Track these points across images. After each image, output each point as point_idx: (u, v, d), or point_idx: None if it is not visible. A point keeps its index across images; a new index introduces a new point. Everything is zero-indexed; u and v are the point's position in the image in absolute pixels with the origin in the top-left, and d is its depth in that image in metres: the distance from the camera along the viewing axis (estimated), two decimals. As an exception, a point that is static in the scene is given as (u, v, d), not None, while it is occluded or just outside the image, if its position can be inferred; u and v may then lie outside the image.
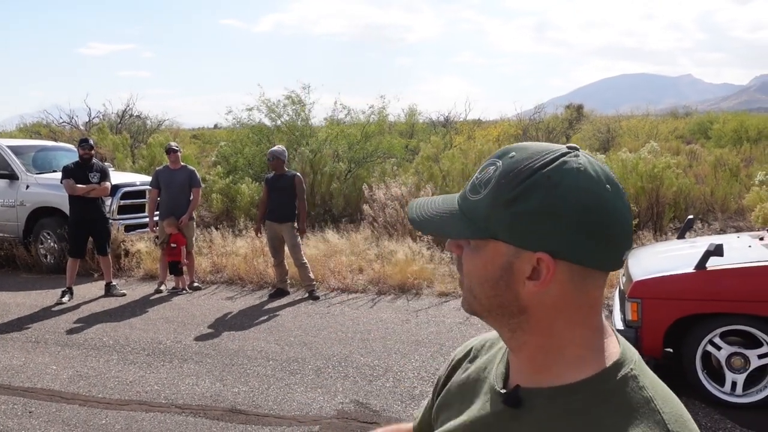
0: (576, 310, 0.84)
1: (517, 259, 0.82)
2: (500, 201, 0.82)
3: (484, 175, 0.85)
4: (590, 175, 0.80)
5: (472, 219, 0.84)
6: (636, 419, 0.79)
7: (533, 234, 0.80)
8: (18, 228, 9.63)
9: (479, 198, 0.84)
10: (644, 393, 0.82)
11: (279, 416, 4.44)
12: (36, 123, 24.94)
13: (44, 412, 4.58)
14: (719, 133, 25.28)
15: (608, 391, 0.82)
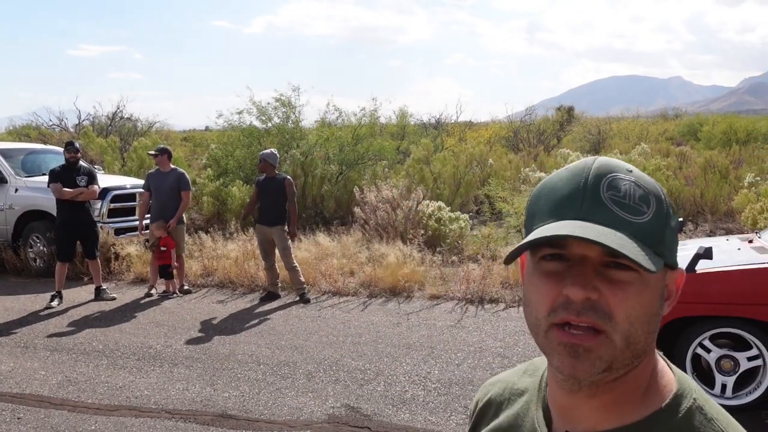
0: None
1: (667, 281, 0.76)
2: (664, 219, 0.74)
3: (628, 191, 0.74)
4: None
5: (651, 244, 0.72)
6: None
7: (673, 249, 0.75)
8: (7, 231, 9.56)
9: (646, 219, 0.73)
10: (714, 426, 0.75)
11: (270, 421, 4.42)
12: (25, 125, 24.79)
13: (33, 419, 4.55)
14: (709, 135, 25.44)
15: (676, 426, 0.75)
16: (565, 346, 0.72)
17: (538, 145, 25.92)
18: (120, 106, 22.54)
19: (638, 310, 0.71)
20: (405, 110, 23.25)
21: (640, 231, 0.72)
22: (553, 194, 0.76)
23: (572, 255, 0.72)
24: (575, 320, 0.71)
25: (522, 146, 25.78)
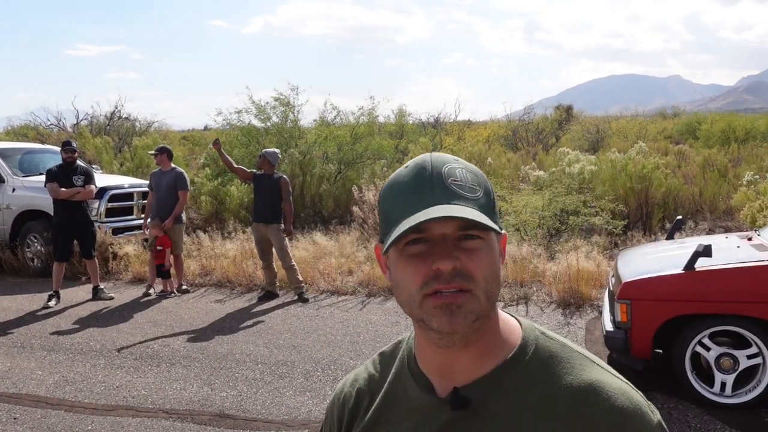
0: None
1: (499, 242, 0.93)
2: (491, 195, 0.92)
3: (465, 176, 0.91)
4: None
5: (488, 215, 0.89)
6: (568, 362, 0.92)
7: (497, 218, 0.93)
8: (4, 231, 9.53)
9: (479, 195, 0.91)
10: (558, 341, 0.95)
11: (267, 420, 4.40)
12: (23, 125, 24.75)
13: (29, 419, 4.52)
14: (707, 134, 25.42)
15: (535, 353, 0.93)
16: (441, 308, 0.86)
17: (537, 144, 25.90)
18: (118, 105, 22.52)
19: (489, 269, 0.88)
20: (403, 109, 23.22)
21: (480, 205, 0.89)
22: (405, 189, 0.90)
23: (433, 236, 0.87)
24: (446, 287, 0.86)
25: (521, 145, 25.77)
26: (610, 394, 0.88)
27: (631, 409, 0.88)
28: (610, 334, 4.64)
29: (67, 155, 7.71)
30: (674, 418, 4.26)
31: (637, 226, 10.53)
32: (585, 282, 7.07)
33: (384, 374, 1.03)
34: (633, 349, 4.53)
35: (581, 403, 0.88)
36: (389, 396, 0.99)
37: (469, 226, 0.86)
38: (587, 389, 0.88)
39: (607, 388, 0.88)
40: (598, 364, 0.93)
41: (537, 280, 7.69)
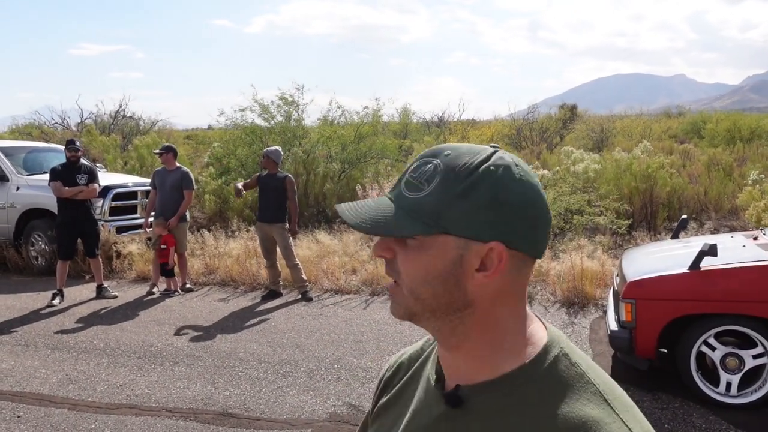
0: (513, 298, 0.88)
1: (467, 251, 0.84)
2: (450, 195, 0.83)
3: (423, 173, 0.85)
4: (524, 168, 0.85)
5: (420, 215, 0.83)
6: (575, 393, 0.84)
7: (485, 225, 0.83)
8: (8, 230, 9.55)
9: (423, 195, 0.84)
10: (577, 369, 0.86)
11: (270, 419, 4.39)
12: (28, 124, 24.82)
13: (32, 417, 4.52)
14: (712, 133, 25.33)
15: (544, 372, 0.86)
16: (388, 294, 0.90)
17: (541, 143, 25.86)
18: (122, 104, 22.56)
19: (417, 270, 0.85)
20: (408, 108, 23.23)
21: (413, 205, 0.84)
22: None
23: None
24: (387, 274, 0.88)
25: (525, 144, 25.72)
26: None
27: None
28: (615, 333, 4.62)
29: (70, 154, 7.71)
30: (679, 418, 4.24)
31: (641, 226, 10.50)
32: (589, 281, 7.05)
33: (423, 355, 1.05)
34: (637, 349, 4.51)
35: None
36: (414, 377, 1.02)
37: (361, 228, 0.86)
38: (579, 427, 0.81)
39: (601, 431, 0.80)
40: (609, 404, 0.83)
41: (541, 279, 7.67)
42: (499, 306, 0.87)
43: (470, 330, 0.88)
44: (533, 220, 0.84)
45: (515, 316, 0.88)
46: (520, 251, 0.85)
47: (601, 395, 0.84)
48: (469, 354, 0.89)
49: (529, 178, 0.85)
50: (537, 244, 0.86)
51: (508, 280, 0.86)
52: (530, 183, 0.85)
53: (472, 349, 0.89)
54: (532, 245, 0.85)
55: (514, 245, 0.84)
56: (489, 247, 0.83)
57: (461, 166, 0.84)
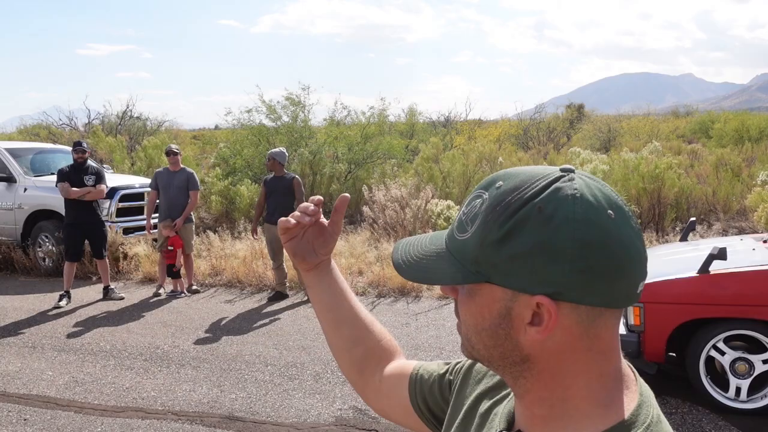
0: (584, 356, 0.74)
1: (515, 303, 0.73)
2: (489, 240, 0.72)
3: (471, 210, 0.75)
4: (588, 202, 0.70)
5: (462, 261, 0.75)
6: None
7: (529, 275, 0.70)
8: (16, 231, 9.57)
9: (467, 237, 0.74)
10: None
11: (276, 423, 4.38)
12: (36, 125, 24.92)
13: (39, 420, 4.53)
14: (720, 133, 25.19)
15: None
16: None
17: (548, 143, 25.79)
18: (129, 104, 22.62)
19: (468, 319, 0.78)
20: (414, 108, 23.19)
21: (459, 247, 0.76)
22: None
23: None
24: None
25: (532, 144, 25.66)
26: None
27: None
28: (623, 337, 4.58)
29: (77, 155, 7.72)
30: (688, 423, 4.20)
31: (649, 227, 10.44)
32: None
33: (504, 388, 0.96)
34: (646, 353, 4.47)
35: None
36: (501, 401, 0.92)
37: None
38: None
39: None
40: None
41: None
42: (563, 364, 0.74)
43: (532, 385, 0.77)
44: (594, 266, 0.69)
45: (586, 376, 0.74)
46: (580, 304, 0.71)
47: None
48: (530, 408, 0.79)
49: (593, 215, 0.70)
50: (604, 292, 0.70)
51: (575, 335, 0.72)
52: (594, 221, 0.69)
53: (532, 404, 0.78)
54: (598, 295, 0.70)
55: (569, 298, 0.70)
56: (537, 301, 0.71)
57: (504, 204, 0.72)
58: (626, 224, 0.71)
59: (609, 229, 0.70)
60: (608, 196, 0.72)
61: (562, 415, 0.76)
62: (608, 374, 0.75)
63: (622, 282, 0.71)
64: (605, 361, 0.75)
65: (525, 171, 0.75)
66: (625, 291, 0.72)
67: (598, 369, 0.74)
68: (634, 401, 0.76)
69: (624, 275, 0.71)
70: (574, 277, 0.69)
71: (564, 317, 0.71)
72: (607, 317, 0.72)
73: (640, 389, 0.78)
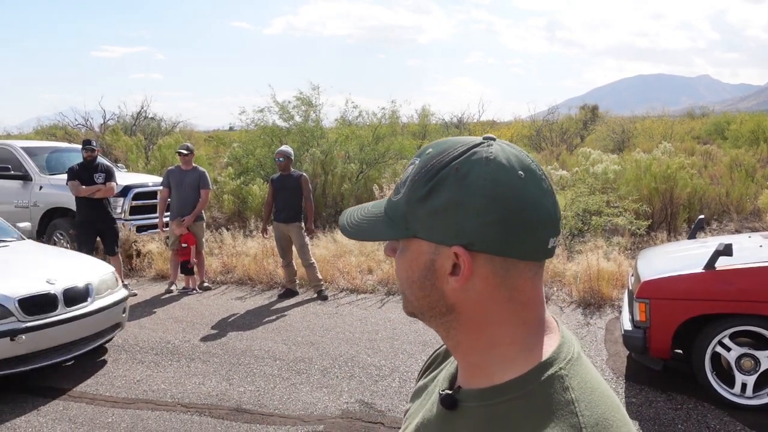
0: (506, 306, 0.81)
1: (438, 255, 0.81)
2: (414, 198, 0.81)
3: (404, 175, 0.84)
4: (500, 164, 0.78)
5: (394, 220, 0.84)
6: (552, 422, 0.76)
7: (447, 228, 0.79)
8: (31, 228, 9.70)
9: (398, 198, 0.84)
10: (567, 395, 0.78)
11: (284, 416, 4.43)
12: (52, 125, 25.21)
13: (51, 410, 4.61)
14: (736, 134, 24.98)
15: (531, 392, 0.79)
16: None
17: (561, 144, 25.71)
18: (144, 105, 22.82)
19: (401, 273, 0.85)
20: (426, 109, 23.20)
21: (391, 209, 0.85)
22: None
23: None
24: None
25: (545, 145, 25.59)
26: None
27: None
28: (629, 333, 4.59)
29: (87, 154, 7.82)
30: (693, 418, 4.20)
31: (661, 227, 10.40)
32: (606, 282, 7.01)
33: None
34: (652, 349, 4.48)
35: None
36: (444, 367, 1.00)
37: None
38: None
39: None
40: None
41: (557, 280, 7.64)
42: (491, 313, 0.81)
43: (461, 335, 0.84)
44: (502, 219, 0.76)
45: (510, 324, 0.81)
46: (494, 254, 0.78)
47: (580, 429, 0.75)
48: (464, 359, 0.86)
49: (503, 174, 0.77)
50: (517, 245, 0.77)
51: (493, 285, 0.79)
52: (503, 179, 0.77)
53: (465, 354, 0.85)
54: (509, 247, 0.77)
55: (481, 248, 0.78)
56: (453, 251, 0.79)
57: (428, 167, 0.81)
58: (536, 185, 0.79)
59: (517, 187, 0.77)
60: (521, 160, 0.79)
61: (491, 362, 0.83)
62: (531, 322, 0.82)
63: (530, 236, 0.78)
64: (527, 310, 0.82)
65: (451, 139, 0.84)
66: (534, 244, 0.79)
67: (521, 317, 0.82)
68: (556, 342, 0.83)
69: (532, 229, 0.78)
70: (485, 229, 0.77)
71: (480, 267, 0.79)
72: (521, 268, 0.80)
73: (562, 333, 0.85)
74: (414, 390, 1.05)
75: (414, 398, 1.03)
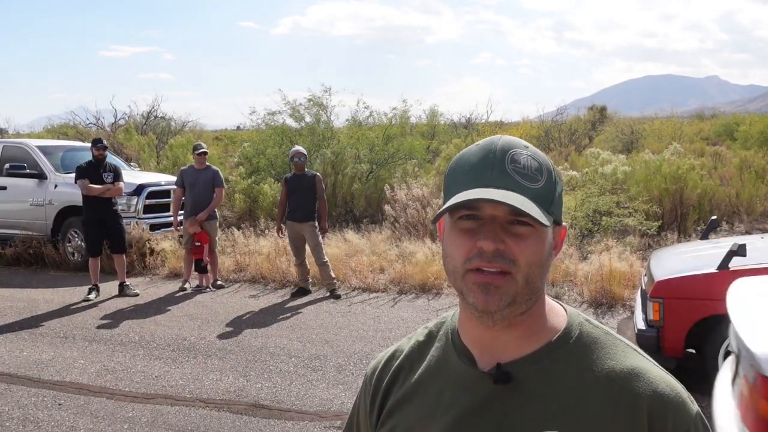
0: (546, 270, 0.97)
1: (554, 235, 0.96)
2: (551, 185, 0.94)
3: (528, 165, 0.93)
4: None
5: (542, 205, 0.92)
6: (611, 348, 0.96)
7: (560, 211, 0.96)
8: (46, 226, 9.82)
9: (540, 186, 0.93)
10: (602, 329, 0.99)
11: (301, 411, 4.50)
12: (63, 124, 25.38)
13: (73, 405, 4.69)
14: (745, 135, 24.90)
15: (579, 336, 0.97)
16: (479, 285, 0.91)
17: (570, 144, 25.71)
18: (154, 105, 22.96)
19: (535, 257, 0.91)
20: (435, 110, 23.26)
21: (536, 195, 0.91)
22: (468, 166, 0.94)
23: (484, 215, 0.91)
24: (487, 266, 0.90)
25: (553, 146, 25.59)
26: (651, 380, 0.92)
27: (672, 396, 0.91)
28: (642, 332, 4.64)
29: (98, 152, 7.90)
30: (706, 417, 4.24)
31: (671, 228, 10.43)
32: (617, 282, 7.04)
33: (427, 345, 1.07)
34: (665, 348, 4.53)
35: (622, 387, 0.91)
36: (430, 367, 1.03)
37: (517, 213, 0.88)
38: (629, 374, 0.92)
39: (650, 375, 0.92)
40: (641, 354, 0.96)
41: (569, 280, 7.68)
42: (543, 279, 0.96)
43: (536, 306, 0.96)
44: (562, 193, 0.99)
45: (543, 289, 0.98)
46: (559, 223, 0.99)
47: (632, 347, 0.97)
48: (528, 329, 0.96)
49: None
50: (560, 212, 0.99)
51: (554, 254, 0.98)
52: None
53: (532, 323, 0.96)
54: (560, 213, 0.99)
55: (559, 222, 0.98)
56: (561, 229, 0.98)
57: (546, 159, 0.96)
58: None
59: None
60: None
61: (546, 323, 0.98)
62: None
63: None
64: None
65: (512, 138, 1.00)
66: None
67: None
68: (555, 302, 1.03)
69: None
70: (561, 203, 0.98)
71: None
72: None
73: None
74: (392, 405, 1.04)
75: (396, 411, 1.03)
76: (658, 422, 0.90)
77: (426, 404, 1.00)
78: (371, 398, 1.08)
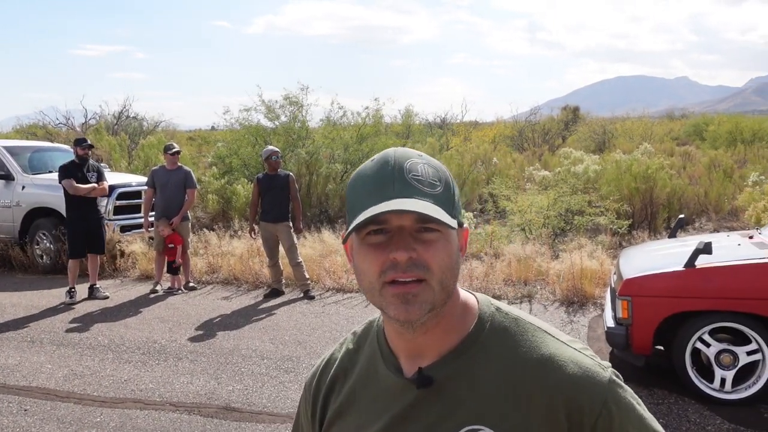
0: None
1: (459, 236, 0.98)
2: (452, 190, 0.96)
3: (426, 173, 0.95)
4: None
5: (447, 209, 0.93)
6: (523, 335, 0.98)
7: (460, 213, 0.99)
8: (14, 229, 9.64)
9: (439, 191, 0.94)
10: (511, 315, 1.01)
11: (273, 413, 4.47)
12: (32, 124, 24.95)
13: (39, 410, 4.61)
14: (714, 135, 25.38)
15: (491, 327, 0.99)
16: (398, 296, 0.91)
17: (543, 144, 25.94)
18: (126, 105, 22.67)
19: (446, 260, 0.93)
20: (410, 109, 23.29)
21: (438, 200, 0.93)
22: (368, 182, 0.95)
23: (392, 227, 0.92)
24: (402, 276, 0.91)
25: (527, 146, 25.81)
26: (560, 365, 0.94)
27: (580, 375, 0.93)
28: (611, 330, 4.69)
29: (83, 151, 7.76)
30: (674, 413, 4.31)
31: (642, 226, 10.57)
32: (588, 281, 7.12)
33: (357, 354, 1.09)
34: (634, 346, 4.58)
35: (535, 377, 0.94)
36: (362, 376, 1.05)
37: (424, 220, 0.90)
38: (539, 362, 0.95)
39: (558, 360, 0.94)
40: (550, 334, 0.99)
41: (541, 278, 7.74)
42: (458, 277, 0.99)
43: (452, 308, 0.98)
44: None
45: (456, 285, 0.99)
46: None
47: (542, 329, 0.99)
48: (444, 328, 0.98)
49: None
50: None
51: None
52: None
53: (446, 323, 0.98)
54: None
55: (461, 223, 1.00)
56: (464, 231, 1.00)
57: (440, 165, 0.98)
58: None
59: None
60: None
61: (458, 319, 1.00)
62: None
63: None
64: None
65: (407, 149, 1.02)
66: None
67: None
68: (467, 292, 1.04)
69: None
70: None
71: None
72: None
73: None
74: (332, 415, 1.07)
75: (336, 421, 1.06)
76: (575, 407, 0.92)
77: (363, 412, 1.03)
78: (311, 408, 1.12)
